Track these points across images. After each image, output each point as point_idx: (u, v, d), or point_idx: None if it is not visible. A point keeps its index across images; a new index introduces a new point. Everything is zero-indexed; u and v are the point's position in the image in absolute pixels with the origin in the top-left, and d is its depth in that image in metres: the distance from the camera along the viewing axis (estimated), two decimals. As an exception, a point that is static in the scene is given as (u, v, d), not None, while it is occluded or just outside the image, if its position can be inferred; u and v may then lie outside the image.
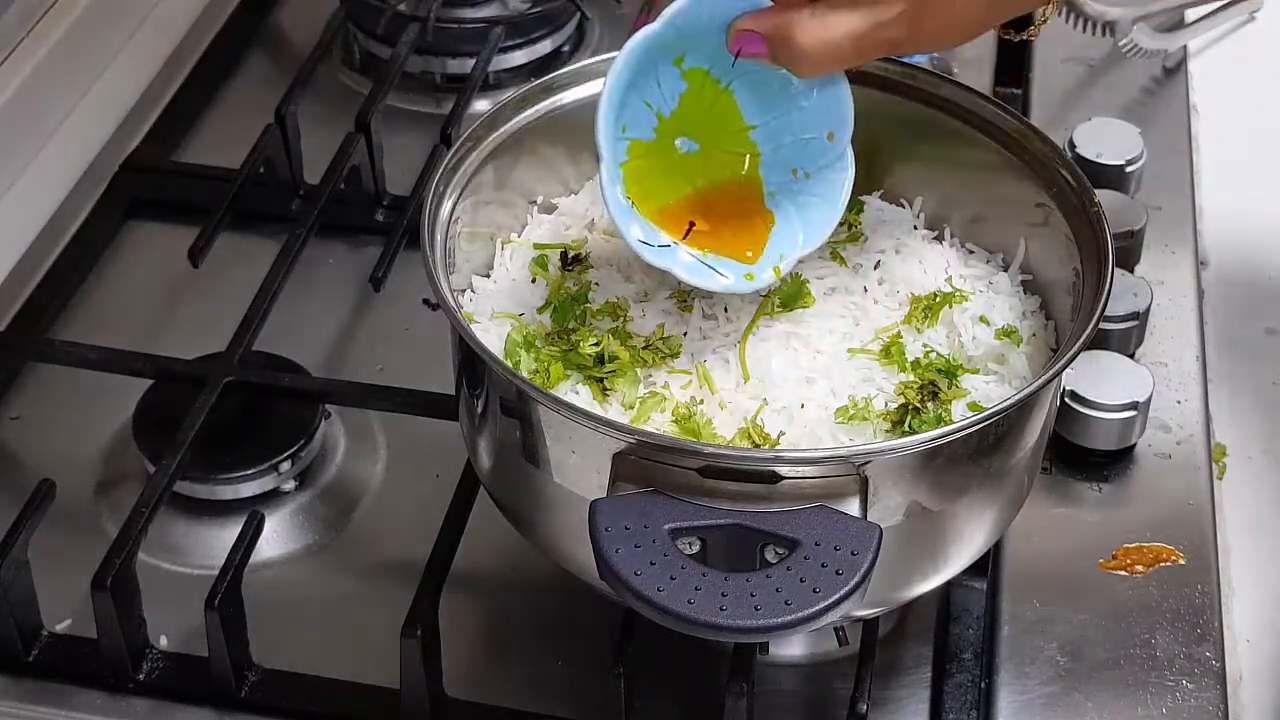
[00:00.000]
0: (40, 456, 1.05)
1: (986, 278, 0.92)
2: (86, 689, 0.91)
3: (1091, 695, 0.88)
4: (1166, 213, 1.15)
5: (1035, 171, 0.90)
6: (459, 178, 0.89)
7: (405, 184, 1.20)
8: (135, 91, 1.30)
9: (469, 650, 0.93)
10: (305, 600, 0.97)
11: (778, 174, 0.88)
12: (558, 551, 0.85)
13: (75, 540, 0.97)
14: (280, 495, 1.02)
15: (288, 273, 1.08)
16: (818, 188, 0.87)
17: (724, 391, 0.85)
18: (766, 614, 0.72)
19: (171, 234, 1.19)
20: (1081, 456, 1.00)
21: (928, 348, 0.87)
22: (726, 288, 0.85)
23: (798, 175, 0.87)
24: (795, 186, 0.88)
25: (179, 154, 1.28)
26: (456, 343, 0.86)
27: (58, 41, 1.21)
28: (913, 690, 0.92)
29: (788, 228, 0.88)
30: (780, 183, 0.88)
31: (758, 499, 0.75)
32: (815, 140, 0.86)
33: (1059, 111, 1.23)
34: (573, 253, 0.93)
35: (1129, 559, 0.95)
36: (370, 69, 1.33)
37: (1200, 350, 1.06)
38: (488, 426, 0.85)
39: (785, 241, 0.87)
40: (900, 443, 0.77)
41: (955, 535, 0.83)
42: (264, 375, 1.03)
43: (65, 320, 1.14)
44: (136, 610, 0.91)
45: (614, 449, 0.77)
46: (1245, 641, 0.94)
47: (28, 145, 1.19)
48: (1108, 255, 0.84)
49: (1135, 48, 1.26)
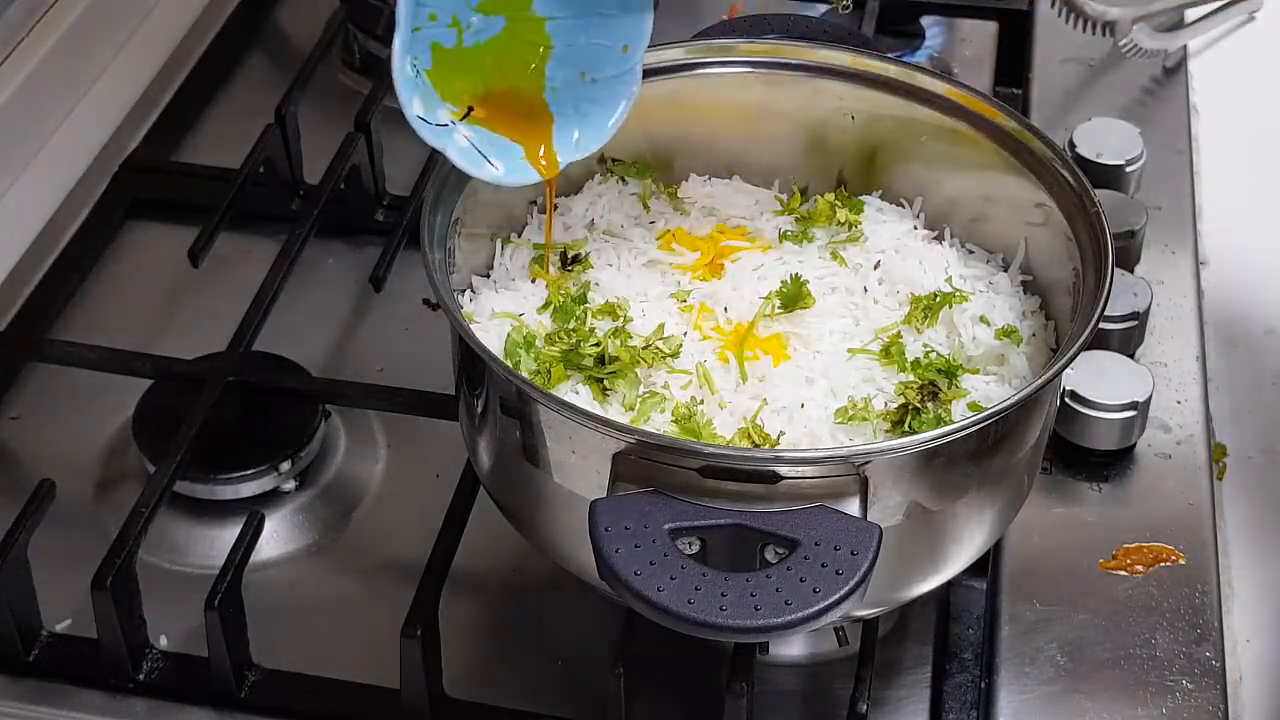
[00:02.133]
0: (40, 456, 1.05)
1: (986, 278, 0.92)
2: (86, 689, 0.91)
3: (1091, 695, 0.88)
4: (1166, 213, 1.15)
5: (1035, 171, 0.90)
6: (459, 177, 0.89)
7: (405, 184, 1.20)
8: (135, 91, 1.30)
9: (469, 650, 0.93)
10: (305, 600, 0.97)
11: (565, 71, 0.89)
12: (558, 551, 0.85)
13: (75, 540, 0.97)
14: (280, 495, 1.02)
15: (288, 273, 1.08)
16: (600, 94, 0.89)
17: (724, 391, 0.85)
18: (766, 614, 0.72)
19: (171, 234, 1.19)
20: (1081, 456, 1.00)
21: (928, 348, 0.87)
22: (495, 178, 0.87)
23: (585, 78, 0.89)
24: (580, 90, 0.89)
25: (179, 154, 1.28)
26: (456, 343, 0.86)
27: (58, 41, 1.21)
28: (913, 690, 0.92)
29: (566, 128, 0.89)
30: (566, 81, 0.89)
31: (758, 499, 0.75)
32: (609, 49, 0.88)
33: (1059, 111, 1.23)
34: (573, 253, 0.93)
35: (1129, 559, 0.95)
36: (370, 69, 1.33)
37: (1200, 350, 1.06)
38: (488, 426, 0.85)
39: (562, 142, 0.89)
40: (900, 443, 0.77)
41: (955, 535, 0.83)
42: (264, 375, 1.03)
43: (65, 320, 1.14)
44: (136, 610, 0.91)
45: (614, 449, 0.77)
46: (1245, 641, 0.94)
47: (28, 145, 1.19)
48: (1108, 255, 0.84)
49: (1135, 48, 1.26)
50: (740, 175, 0.99)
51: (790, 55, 0.96)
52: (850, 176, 0.98)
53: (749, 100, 0.97)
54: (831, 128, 0.97)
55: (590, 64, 0.89)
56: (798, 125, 0.97)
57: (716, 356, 0.87)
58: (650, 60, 0.95)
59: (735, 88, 0.97)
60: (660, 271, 0.93)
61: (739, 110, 0.97)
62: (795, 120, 0.97)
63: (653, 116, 0.97)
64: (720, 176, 0.99)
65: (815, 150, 0.98)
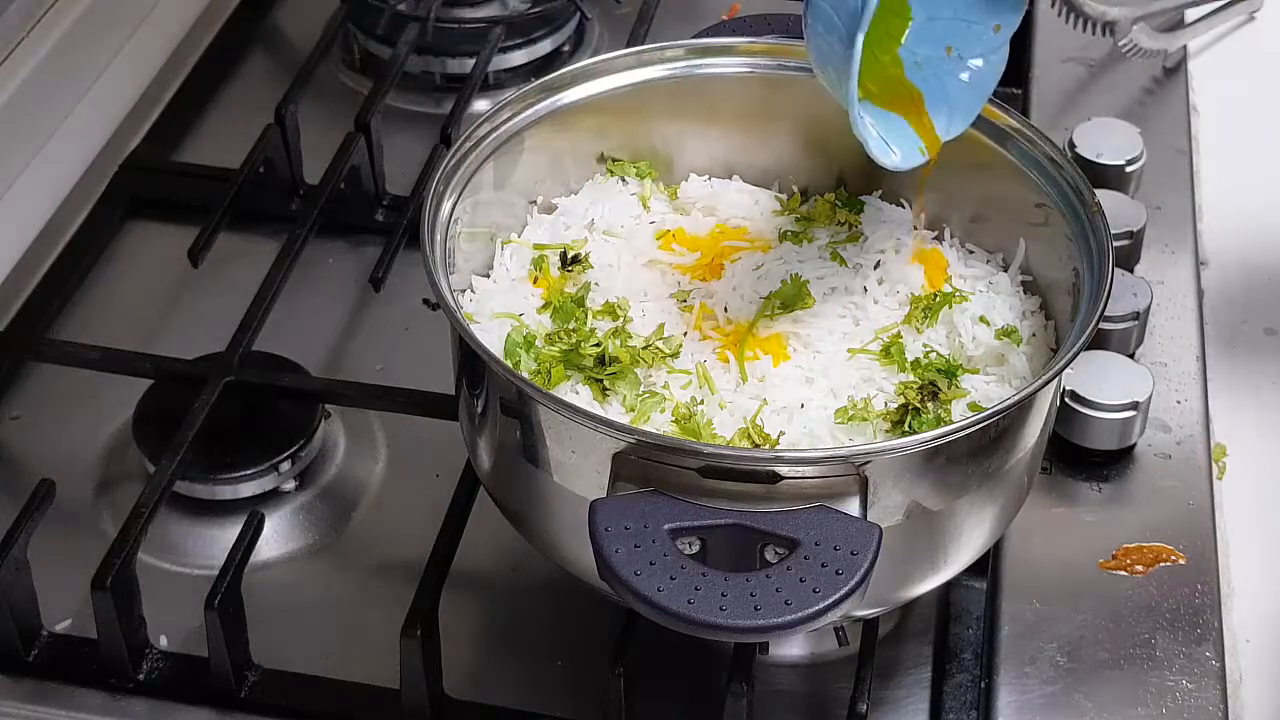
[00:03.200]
0: (40, 456, 1.05)
1: (986, 278, 0.92)
2: (86, 689, 0.91)
3: (1091, 695, 0.88)
4: (1166, 213, 1.15)
5: (1035, 171, 0.90)
6: (459, 178, 0.89)
7: (405, 184, 1.20)
8: (135, 91, 1.30)
9: (469, 650, 0.93)
10: (305, 600, 0.97)
11: (928, 47, 0.85)
12: (558, 551, 0.85)
13: (75, 540, 0.97)
14: (280, 495, 1.02)
15: (288, 273, 1.08)
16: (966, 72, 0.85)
17: (724, 391, 0.85)
18: (766, 614, 0.72)
19: (171, 234, 1.19)
20: (1081, 456, 1.00)
21: (928, 348, 0.87)
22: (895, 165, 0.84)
23: (951, 54, 0.85)
24: (946, 66, 0.85)
25: (179, 154, 1.28)
26: (456, 343, 0.86)
27: (58, 41, 1.21)
28: (913, 690, 0.92)
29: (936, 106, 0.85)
30: (930, 57, 0.85)
31: (758, 499, 0.75)
32: (978, 28, 0.84)
33: (1059, 111, 1.23)
34: (572, 253, 0.93)
35: (1129, 559, 0.94)
36: (370, 69, 1.33)
37: (1200, 350, 1.06)
38: (488, 426, 0.85)
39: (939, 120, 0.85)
40: (900, 443, 0.77)
41: (955, 535, 0.83)
42: (264, 375, 1.03)
43: (65, 320, 1.14)
44: (136, 610, 0.91)
45: (614, 449, 0.77)
46: (1245, 641, 0.94)
47: (28, 145, 1.19)
48: (1108, 255, 0.84)
49: (1135, 48, 1.26)
50: (740, 175, 0.99)
51: (790, 55, 0.96)
52: (850, 176, 0.98)
53: (749, 100, 0.97)
54: (831, 128, 0.97)
55: (957, 41, 0.85)
56: (798, 125, 0.97)
57: (716, 356, 0.87)
58: (650, 60, 0.95)
59: (735, 88, 0.97)
60: (660, 271, 0.93)
61: (739, 110, 0.97)
62: (795, 120, 0.97)
63: (653, 116, 0.97)
64: (720, 176, 0.99)
65: (815, 150, 0.98)
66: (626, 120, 0.97)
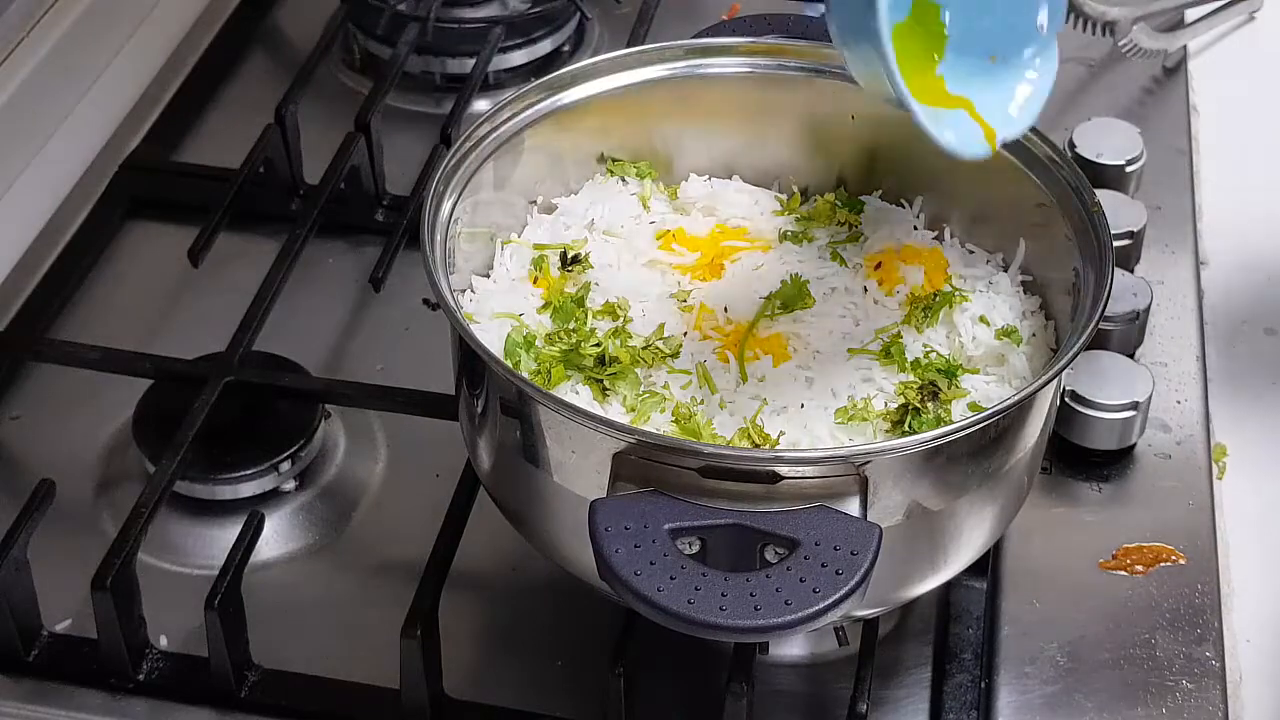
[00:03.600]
0: (40, 456, 1.05)
1: (986, 278, 0.92)
2: (86, 689, 0.91)
3: (1091, 695, 0.88)
4: (1166, 213, 1.15)
5: (1035, 171, 0.90)
6: (459, 178, 0.89)
7: (405, 184, 1.20)
8: (135, 91, 1.30)
9: (469, 650, 0.93)
10: (305, 600, 0.97)
11: (969, 58, 0.78)
12: (558, 551, 0.85)
13: (75, 540, 0.97)
14: (280, 495, 1.02)
15: (288, 273, 1.08)
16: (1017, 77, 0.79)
17: (724, 391, 0.85)
18: (766, 614, 0.72)
19: (171, 234, 1.19)
20: (1081, 456, 1.00)
21: (928, 348, 0.87)
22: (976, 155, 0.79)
23: (995, 61, 0.79)
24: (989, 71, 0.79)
25: (179, 154, 1.28)
26: (456, 343, 0.86)
27: (58, 41, 1.21)
28: (913, 690, 0.91)
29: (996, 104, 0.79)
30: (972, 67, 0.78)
31: (757, 499, 0.75)
32: (1022, 25, 0.78)
33: (1059, 111, 1.23)
34: (572, 253, 0.93)
35: (1129, 559, 0.95)
36: (370, 69, 1.33)
37: (1200, 350, 1.06)
38: (488, 426, 0.85)
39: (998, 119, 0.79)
40: (900, 443, 0.77)
41: (955, 535, 0.83)
42: (264, 375, 1.03)
43: (65, 320, 1.14)
44: (136, 610, 0.91)
45: (614, 449, 0.77)
46: (1245, 641, 0.94)
47: (28, 145, 1.19)
48: (1108, 255, 0.84)
49: (1135, 48, 1.26)
50: (740, 175, 0.99)
51: (790, 55, 0.96)
52: (850, 176, 0.98)
53: (749, 100, 0.97)
54: (831, 128, 0.97)
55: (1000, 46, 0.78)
56: (798, 125, 0.97)
57: (716, 356, 0.87)
58: (650, 60, 0.95)
59: (735, 88, 0.97)
60: (660, 271, 0.93)
61: (739, 110, 0.97)
62: (795, 120, 0.97)
63: (653, 116, 0.97)
64: (720, 176, 0.99)
65: (815, 150, 0.98)
66: (626, 120, 0.97)
